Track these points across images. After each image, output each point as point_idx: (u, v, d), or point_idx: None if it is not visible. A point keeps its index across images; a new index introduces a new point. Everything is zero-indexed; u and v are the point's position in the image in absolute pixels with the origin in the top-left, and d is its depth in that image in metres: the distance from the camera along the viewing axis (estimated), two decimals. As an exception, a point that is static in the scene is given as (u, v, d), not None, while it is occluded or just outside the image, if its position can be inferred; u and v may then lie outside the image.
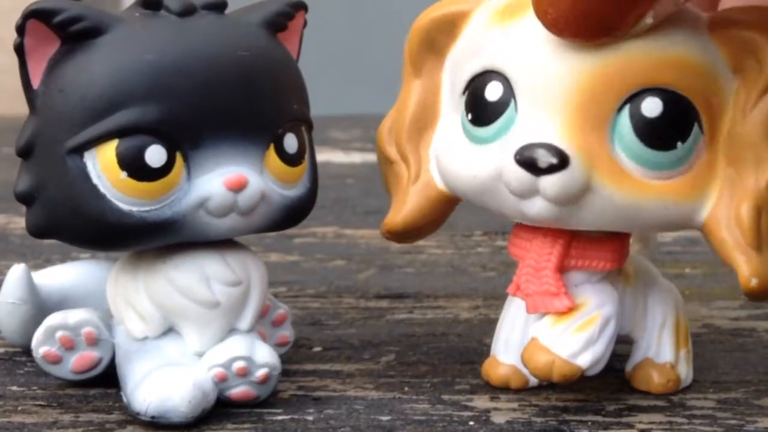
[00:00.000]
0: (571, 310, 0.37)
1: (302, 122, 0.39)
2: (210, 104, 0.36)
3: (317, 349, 0.44)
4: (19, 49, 0.36)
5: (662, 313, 0.39)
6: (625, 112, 0.35)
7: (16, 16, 0.36)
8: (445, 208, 0.39)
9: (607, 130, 0.35)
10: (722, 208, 0.35)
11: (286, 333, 0.42)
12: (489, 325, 0.46)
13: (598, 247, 0.37)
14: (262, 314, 0.40)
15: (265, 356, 0.37)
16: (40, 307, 0.41)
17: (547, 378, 0.37)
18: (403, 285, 0.52)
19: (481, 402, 0.39)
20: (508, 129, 0.36)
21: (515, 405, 0.39)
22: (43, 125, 0.36)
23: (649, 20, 0.34)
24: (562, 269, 0.37)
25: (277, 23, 0.39)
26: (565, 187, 0.34)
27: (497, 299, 0.49)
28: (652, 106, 0.35)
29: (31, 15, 0.36)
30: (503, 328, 0.40)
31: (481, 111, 0.37)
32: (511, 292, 0.38)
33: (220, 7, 0.38)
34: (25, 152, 0.37)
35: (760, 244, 0.35)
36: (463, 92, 0.37)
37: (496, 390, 0.40)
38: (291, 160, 0.38)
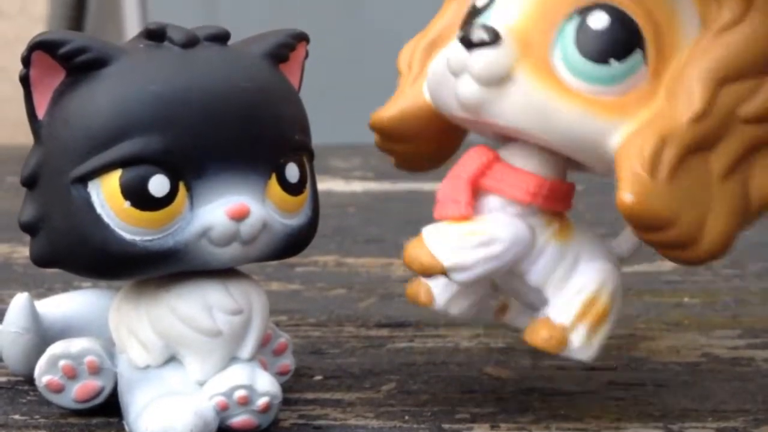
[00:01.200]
0: (464, 218, 0.37)
1: (304, 152, 0.39)
2: (213, 135, 0.36)
3: (318, 377, 0.44)
4: (25, 80, 0.37)
5: (582, 284, 0.38)
6: (575, 20, 0.36)
7: (19, 46, 0.37)
8: (432, 121, 0.39)
9: (554, 33, 0.36)
10: (636, 137, 0.35)
11: (287, 362, 0.42)
12: (489, 354, 0.47)
13: (521, 177, 0.37)
14: (264, 343, 0.40)
15: (266, 385, 0.38)
16: (43, 336, 0.42)
17: (410, 266, 0.37)
18: (403, 314, 0.53)
19: (481, 430, 0.39)
20: None
21: (515, 434, 0.39)
22: (47, 155, 0.37)
23: None
24: (477, 185, 0.37)
25: (279, 54, 0.39)
26: (489, 64, 0.35)
27: (497, 328, 0.49)
28: (597, 19, 0.36)
29: (36, 46, 0.36)
30: None
31: (469, 16, 0.38)
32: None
33: (222, 39, 0.38)
34: (30, 182, 0.37)
35: (654, 171, 0.34)
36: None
37: (497, 418, 0.40)
38: (293, 189, 0.38)
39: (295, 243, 0.39)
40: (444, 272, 0.36)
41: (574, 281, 0.38)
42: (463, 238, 0.36)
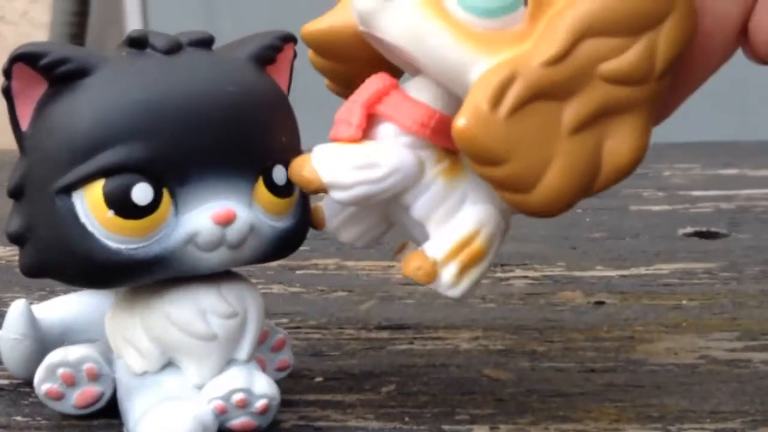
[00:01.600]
0: (354, 141, 0.37)
1: (292, 154, 0.38)
2: (197, 141, 0.36)
3: (318, 379, 0.45)
4: (7, 92, 0.37)
5: (460, 223, 0.37)
6: None
7: (1, 57, 0.37)
8: (361, 43, 0.39)
9: None
10: (490, 72, 0.34)
11: (286, 357, 0.42)
12: (488, 356, 0.47)
13: (414, 107, 0.37)
14: (261, 340, 0.40)
15: (263, 387, 0.38)
16: (42, 340, 0.42)
17: (292, 178, 0.37)
18: (403, 316, 0.53)
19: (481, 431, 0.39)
20: None
21: (514, 435, 0.39)
22: (32, 166, 0.37)
23: None
24: (372, 111, 0.37)
25: (265, 57, 0.39)
26: None
27: (497, 330, 0.49)
28: None
29: (17, 59, 0.36)
30: None
31: None
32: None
33: (206, 44, 0.38)
34: (16, 193, 0.37)
35: (495, 105, 0.34)
36: None
37: (496, 420, 0.40)
38: (280, 191, 0.38)
39: (284, 245, 0.39)
40: (323, 188, 0.36)
41: (455, 220, 0.38)
42: (346, 159, 0.36)
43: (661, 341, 0.48)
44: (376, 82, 0.37)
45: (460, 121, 0.34)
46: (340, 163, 0.36)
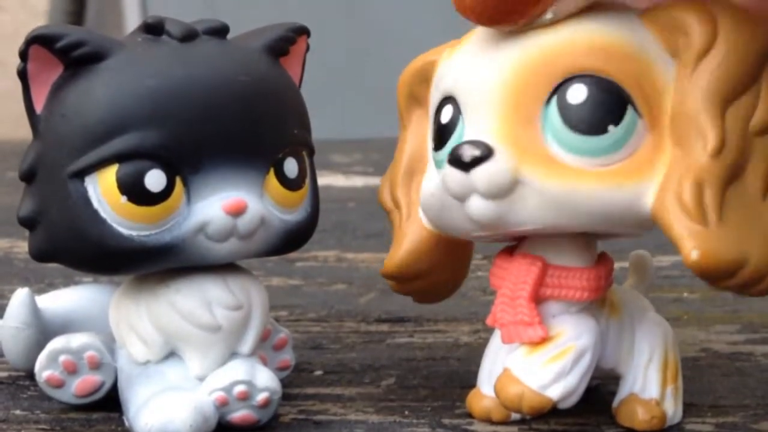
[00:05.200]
0: (545, 340, 0.36)
1: (303, 147, 0.39)
2: (210, 129, 0.36)
3: (318, 372, 0.45)
4: (23, 74, 0.37)
5: (649, 348, 0.39)
6: (554, 102, 0.35)
7: (19, 40, 0.37)
8: (440, 248, 0.39)
9: (538, 121, 0.35)
10: (668, 191, 0.34)
11: (287, 357, 0.42)
12: (489, 349, 0.47)
13: (575, 276, 0.37)
14: (264, 338, 0.40)
15: (265, 380, 0.38)
16: (44, 331, 0.42)
17: (517, 409, 0.36)
18: (403, 309, 0.53)
19: (481, 426, 0.39)
20: (458, 143, 0.36)
21: (515, 429, 0.39)
22: (45, 150, 0.37)
23: (549, 15, 0.35)
24: (537, 299, 0.37)
25: (279, 48, 0.39)
26: (492, 177, 0.34)
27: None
28: (576, 93, 0.34)
29: (34, 40, 0.36)
30: (486, 360, 0.40)
31: (439, 135, 0.37)
32: (490, 323, 0.38)
33: (221, 33, 0.38)
34: (28, 177, 0.37)
35: (705, 218, 0.33)
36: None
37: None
38: (291, 184, 0.38)
39: (293, 238, 0.39)
40: (555, 406, 0.36)
41: (641, 349, 0.39)
42: (557, 365, 0.36)
43: (662, 334, 0.48)
44: (525, 271, 0.37)
45: (693, 254, 0.33)
46: (557, 373, 0.36)
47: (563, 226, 0.35)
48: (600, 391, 0.41)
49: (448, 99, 0.37)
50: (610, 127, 0.34)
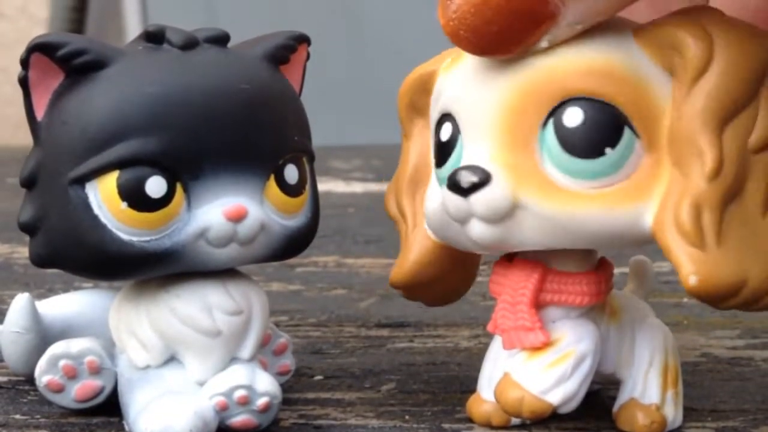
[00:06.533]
0: (546, 345, 0.36)
1: (303, 153, 0.39)
2: (210, 136, 0.36)
3: (318, 377, 0.45)
4: (24, 82, 0.37)
5: (650, 352, 0.39)
6: (550, 125, 0.34)
7: (19, 47, 0.37)
8: (447, 257, 0.39)
9: (535, 145, 0.35)
10: (666, 211, 0.34)
11: (287, 362, 0.42)
12: (489, 354, 0.47)
13: (575, 281, 0.37)
14: (264, 343, 0.40)
15: (266, 385, 0.38)
16: (44, 336, 0.42)
17: (517, 414, 0.36)
18: (403, 314, 0.53)
19: (481, 430, 0.39)
20: (457, 163, 0.36)
21: (515, 433, 0.39)
22: (46, 156, 0.37)
23: (544, 44, 0.34)
24: (537, 304, 0.37)
25: (279, 56, 0.39)
26: (491, 203, 0.34)
27: (497, 328, 0.49)
28: (572, 116, 0.34)
29: (35, 48, 0.36)
30: (487, 365, 0.40)
31: (439, 152, 0.37)
32: (491, 330, 0.38)
33: (222, 41, 0.38)
34: (29, 183, 0.37)
35: (703, 241, 0.33)
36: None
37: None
38: (291, 190, 0.38)
39: (294, 244, 0.39)
40: (554, 410, 0.36)
41: (641, 354, 0.39)
42: (557, 369, 0.36)
43: (662, 339, 0.48)
44: (525, 277, 0.37)
45: (692, 279, 0.33)
46: (558, 378, 0.36)
47: (565, 246, 0.36)
48: (600, 396, 0.41)
49: (447, 116, 0.37)
50: (607, 150, 0.34)
